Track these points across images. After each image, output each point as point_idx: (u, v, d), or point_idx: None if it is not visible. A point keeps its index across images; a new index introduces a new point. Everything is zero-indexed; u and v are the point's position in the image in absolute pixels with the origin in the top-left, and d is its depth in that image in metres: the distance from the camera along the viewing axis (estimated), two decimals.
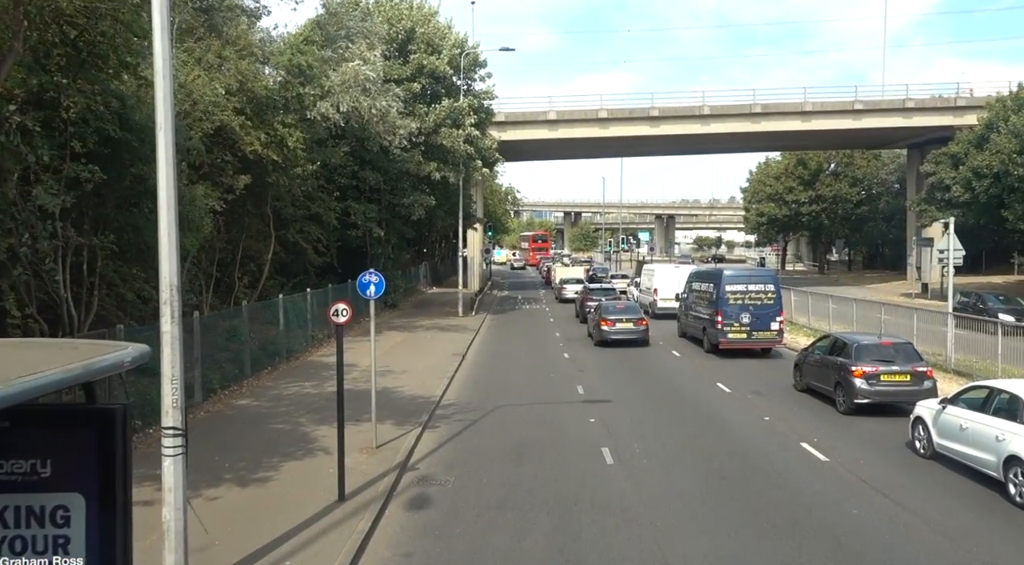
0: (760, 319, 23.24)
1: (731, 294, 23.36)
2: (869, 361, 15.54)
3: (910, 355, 15.97)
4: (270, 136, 21.23)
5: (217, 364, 17.82)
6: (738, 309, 23.25)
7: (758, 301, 23.36)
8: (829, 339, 18.04)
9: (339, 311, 10.23)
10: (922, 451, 12.52)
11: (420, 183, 33.50)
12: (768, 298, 23.47)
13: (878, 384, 15.37)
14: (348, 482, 10.66)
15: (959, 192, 40.57)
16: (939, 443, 12.09)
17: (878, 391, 15.36)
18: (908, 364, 15.57)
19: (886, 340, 16.81)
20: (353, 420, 14.39)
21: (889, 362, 15.58)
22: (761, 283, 23.90)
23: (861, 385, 15.33)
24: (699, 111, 50.67)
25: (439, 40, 34.70)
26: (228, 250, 24.05)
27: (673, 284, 33.40)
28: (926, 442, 12.48)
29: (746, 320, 23.18)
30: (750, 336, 23.25)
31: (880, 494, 10.68)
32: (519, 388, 18.72)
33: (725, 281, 23.66)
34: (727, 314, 23.23)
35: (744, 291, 23.47)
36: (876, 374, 15.36)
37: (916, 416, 12.99)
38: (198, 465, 11.43)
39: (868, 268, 77.86)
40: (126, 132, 14.96)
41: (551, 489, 10.91)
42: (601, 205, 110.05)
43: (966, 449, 11.30)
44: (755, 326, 23.19)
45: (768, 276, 25.28)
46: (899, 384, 15.44)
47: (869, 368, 15.39)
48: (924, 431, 12.62)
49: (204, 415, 14.88)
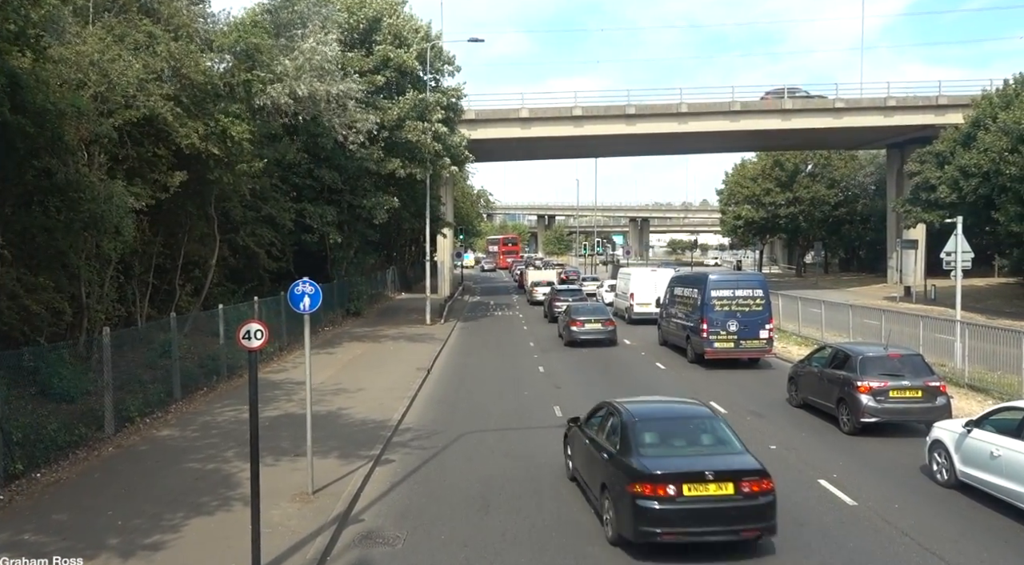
0: (748, 327, 21.52)
1: (717, 300, 21.64)
2: (876, 375, 13.97)
3: (920, 368, 14.39)
4: (210, 127, 18.85)
5: (141, 386, 15.46)
6: (725, 316, 21.53)
7: (746, 307, 21.65)
8: (828, 350, 16.30)
9: (252, 333, 8.00)
10: (941, 479, 11.12)
11: (383, 182, 31.21)
12: (756, 304, 21.77)
13: (886, 401, 13.76)
14: (271, 545, 8.47)
15: (945, 192, 39.25)
16: (963, 471, 10.70)
17: (887, 408, 13.77)
18: (919, 378, 14.01)
19: (893, 352, 15.13)
20: (290, 455, 12.24)
21: (898, 376, 14.01)
22: (749, 288, 22.14)
23: (868, 402, 13.75)
24: (676, 109, 48.99)
25: (407, 33, 32.51)
26: (167, 255, 21.62)
27: (650, 289, 32.30)
28: (947, 470, 11.04)
29: (733, 328, 21.46)
30: (738, 345, 21.56)
31: (930, 553, 8.72)
32: (489, 409, 16.58)
33: (711, 286, 21.92)
34: (713, 321, 21.52)
35: (731, 297, 21.76)
36: (884, 390, 13.76)
37: (934, 439, 11.45)
38: (81, 525, 9.18)
39: (844, 270, 76.95)
40: (19, 116, 12.58)
41: (524, 552, 8.78)
42: (575, 208, 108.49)
43: (999, 480, 9.92)
44: (743, 334, 21.49)
45: (756, 281, 23.45)
46: (910, 401, 13.84)
47: (876, 383, 13.81)
48: (944, 457, 11.13)
49: (111, 452, 12.49)
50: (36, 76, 13.29)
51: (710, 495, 8.33)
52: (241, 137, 19.50)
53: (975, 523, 9.68)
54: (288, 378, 19.02)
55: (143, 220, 18.25)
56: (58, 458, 11.71)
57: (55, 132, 13.54)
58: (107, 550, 8.44)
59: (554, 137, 50.14)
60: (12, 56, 12.74)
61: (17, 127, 12.64)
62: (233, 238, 24.80)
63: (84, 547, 8.50)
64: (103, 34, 16.62)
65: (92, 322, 16.36)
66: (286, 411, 15.51)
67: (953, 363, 18.93)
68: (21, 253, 15.06)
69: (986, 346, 18.15)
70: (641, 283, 33.60)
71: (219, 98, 20.31)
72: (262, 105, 21.61)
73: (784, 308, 29.49)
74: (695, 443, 9.34)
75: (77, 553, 8.27)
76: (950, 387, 17.81)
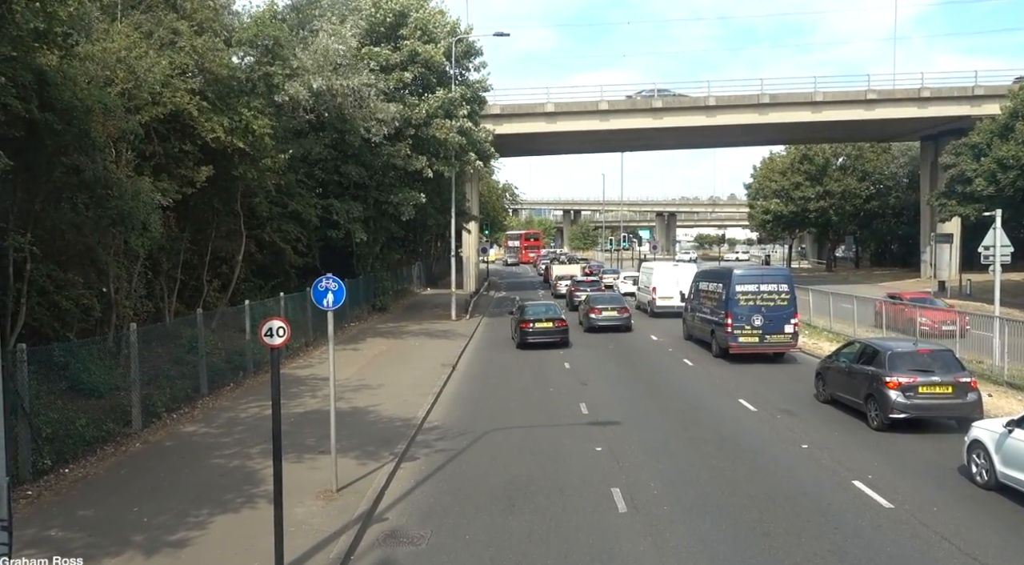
0: (773, 321, 21.31)
1: (742, 295, 21.51)
2: (905, 371, 13.83)
3: (951, 364, 14.18)
4: (234, 122, 18.88)
5: (168, 381, 15.54)
6: (749, 311, 21.37)
7: (771, 302, 21.46)
8: (857, 345, 16.04)
9: (274, 331, 7.91)
10: (980, 480, 10.80)
11: (409, 178, 31.11)
12: (782, 299, 21.56)
13: (916, 397, 13.61)
14: (295, 543, 8.41)
15: (982, 185, 38.28)
16: (1004, 473, 10.37)
17: (916, 404, 13.60)
18: (949, 374, 13.80)
19: (923, 347, 14.94)
20: (314, 453, 12.20)
21: (928, 372, 13.82)
22: (774, 283, 21.91)
23: (897, 398, 13.60)
24: (704, 102, 48.40)
25: (434, 27, 32.27)
26: (194, 251, 21.74)
27: (672, 282, 33.03)
28: (987, 471, 10.71)
29: (758, 322, 21.29)
30: (762, 340, 21.38)
31: (972, 559, 8.40)
32: (514, 406, 16.43)
33: (735, 281, 21.77)
34: (737, 316, 21.40)
35: (756, 291, 21.58)
36: (914, 386, 13.62)
37: (973, 439, 11.11)
38: (107, 521, 9.20)
39: (876, 265, 75.61)
40: (47, 113, 12.64)
41: (551, 552, 8.62)
42: (601, 203, 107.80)
43: None
44: (768, 329, 21.28)
45: (781, 275, 23.22)
46: (940, 397, 13.70)
47: (906, 379, 13.67)
48: (984, 458, 10.80)
49: (138, 447, 12.54)
50: (63, 73, 13.34)
51: None
52: (262, 132, 19.51)
53: (1018, 527, 9.32)
54: (313, 374, 19.03)
55: (170, 216, 18.35)
56: (86, 454, 11.78)
57: (83, 129, 13.58)
58: (132, 547, 8.43)
59: (580, 132, 49.81)
60: (40, 54, 12.80)
61: (45, 124, 12.69)
62: (259, 234, 24.90)
63: (109, 544, 8.50)
64: (130, 31, 16.68)
65: (121, 318, 16.47)
66: (311, 407, 15.51)
67: (991, 360, 18.40)
68: (51, 250, 15.17)
69: None
70: (663, 277, 34.01)
71: (241, 93, 20.36)
72: (282, 101, 21.58)
73: (815, 303, 28.95)
74: None
75: (103, 553, 8.26)
76: (988, 385, 17.45)
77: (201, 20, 18.64)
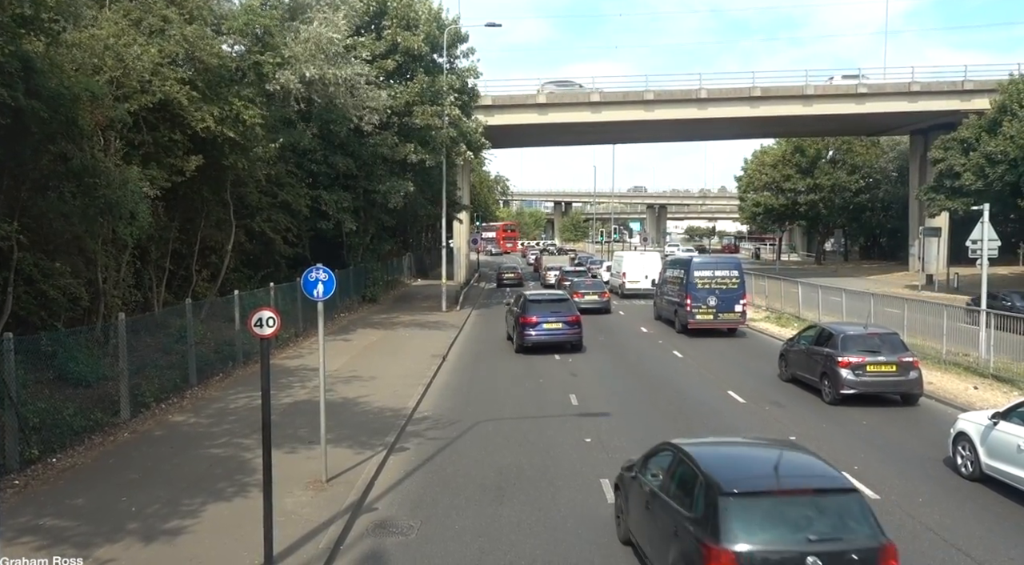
0: (725, 301, 25.28)
1: (699, 279, 25.32)
2: (855, 352, 15.37)
3: (896, 345, 15.77)
4: (224, 111, 18.75)
5: (157, 371, 15.48)
6: (706, 293, 25.26)
7: (724, 285, 25.37)
8: (815, 329, 17.76)
9: (263, 321, 7.89)
10: (966, 471, 11.00)
11: (399, 168, 30.99)
12: (733, 283, 25.51)
13: (864, 375, 15.22)
14: (284, 533, 8.43)
15: (970, 179, 38.48)
16: (988, 464, 10.53)
17: (864, 381, 15.22)
18: (894, 354, 15.42)
19: (872, 330, 16.49)
20: (304, 443, 12.20)
21: (875, 353, 15.41)
22: (726, 269, 25.92)
23: (847, 376, 15.21)
24: (696, 95, 48.38)
25: (413, 14, 32.07)
26: (184, 240, 21.61)
27: (639, 269, 38.84)
28: (972, 462, 10.89)
29: (712, 302, 25.19)
30: (716, 317, 25.27)
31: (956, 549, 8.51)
32: (504, 397, 16.46)
33: (694, 267, 25.82)
34: (695, 297, 25.25)
35: (711, 276, 25.38)
36: (862, 365, 15.21)
37: (959, 431, 11.30)
38: (99, 510, 9.18)
39: (865, 258, 76.01)
40: (33, 100, 12.51)
41: (539, 543, 8.67)
42: (592, 195, 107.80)
43: None
44: (721, 308, 25.21)
45: (733, 263, 27.27)
46: (885, 374, 15.30)
47: (855, 359, 15.25)
48: (969, 450, 10.94)
49: (127, 437, 12.50)
50: (50, 60, 13.23)
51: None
52: (253, 121, 19.38)
53: (1002, 518, 9.45)
54: (303, 365, 19.01)
55: (159, 206, 18.22)
56: (74, 443, 11.73)
57: (70, 117, 13.47)
58: (126, 536, 8.42)
59: (571, 123, 49.75)
60: (26, 40, 12.66)
61: (31, 112, 12.56)
62: (249, 224, 24.75)
63: (105, 531, 8.50)
64: (119, 18, 16.52)
65: (109, 307, 16.38)
66: (301, 398, 15.49)
67: (977, 353, 18.57)
68: (38, 238, 15.06)
69: (1012, 336, 17.76)
70: (632, 264, 40.22)
71: (232, 82, 20.21)
72: (273, 90, 21.44)
73: (804, 297, 29.10)
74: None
75: (99, 542, 8.25)
76: (974, 377, 17.66)
77: (191, 8, 18.46)
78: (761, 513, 6.29)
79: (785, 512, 6.31)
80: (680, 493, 6.93)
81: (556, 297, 24.10)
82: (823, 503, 6.44)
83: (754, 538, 6.08)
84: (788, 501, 6.42)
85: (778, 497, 6.46)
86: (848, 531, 6.28)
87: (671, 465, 7.37)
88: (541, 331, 21.66)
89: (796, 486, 6.61)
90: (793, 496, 6.48)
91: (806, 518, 6.25)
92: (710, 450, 7.52)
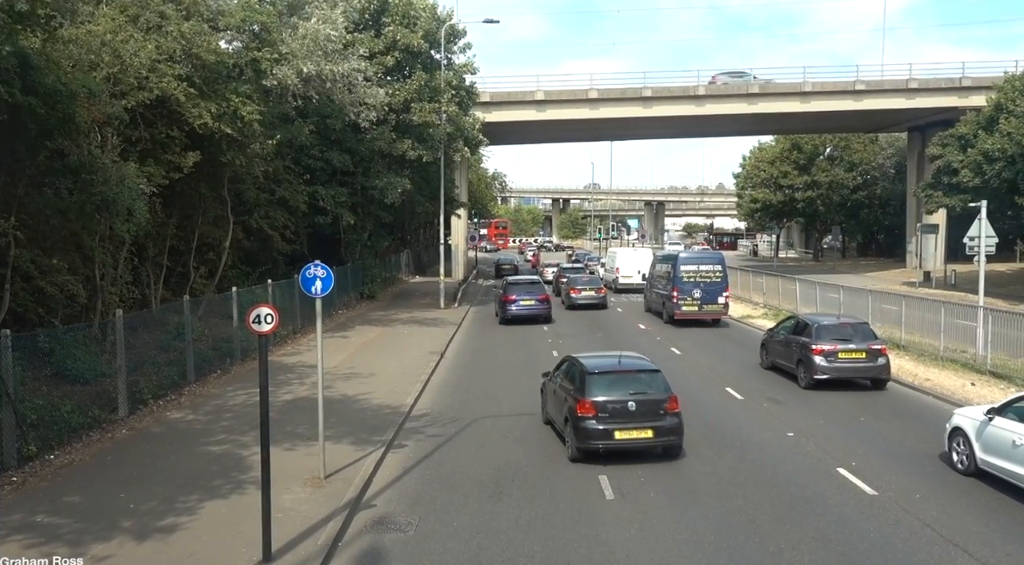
0: (709, 294, 27.13)
1: (685, 273, 27.16)
2: (828, 340, 16.53)
3: (866, 334, 17.03)
4: (222, 107, 18.69)
5: (155, 368, 15.45)
6: (691, 286, 27.10)
7: (708, 279, 27.21)
8: (793, 320, 19.05)
9: (261, 318, 7.88)
10: (961, 467, 11.05)
11: (396, 165, 30.95)
12: (716, 276, 27.36)
13: (836, 361, 16.33)
14: (282, 530, 8.43)
15: (968, 176, 38.50)
16: (983, 459, 10.58)
17: (836, 367, 16.34)
18: (864, 342, 16.62)
19: (845, 320, 17.94)
20: (302, 440, 12.19)
21: (847, 341, 16.56)
22: (710, 264, 27.82)
23: (820, 362, 16.32)
24: (694, 91, 48.34)
25: (413, 12, 32.05)
26: (181, 237, 21.57)
27: (632, 264, 40.07)
28: (967, 457, 10.93)
29: (697, 295, 27.02)
30: (700, 308, 27.09)
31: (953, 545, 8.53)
32: (502, 394, 16.47)
33: (680, 262, 27.69)
34: (681, 290, 27.08)
35: (696, 270, 27.23)
36: (834, 352, 16.34)
37: (954, 427, 11.37)
38: (95, 507, 9.16)
39: (862, 255, 76.08)
40: (30, 97, 12.46)
41: (538, 539, 8.67)
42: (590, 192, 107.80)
43: (1020, 469, 9.80)
44: (705, 300, 27.07)
45: (716, 258, 29.24)
46: (855, 361, 16.47)
47: (828, 346, 16.41)
48: (965, 445, 11.00)
49: (124, 434, 12.49)
50: (47, 56, 13.16)
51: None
52: (251, 118, 19.34)
53: (998, 513, 9.47)
54: (301, 361, 19.00)
55: (156, 202, 18.18)
56: (72, 440, 11.72)
57: (67, 113, 13.42)
58: (120, 534, 8.41)
59: (569, 120, 49.68)
60: (22, 36, 12.60)
61: (28, 108, 12.51)
62: (247, 221, 24.71)
63: (99, 529, 8.49)
64: (115, 14, 16.46)
65: (106, 304, 16.35)
66: (299, 395, 15.49)
67: (975, 350, 18.60)
68: (35, 235, 15.02)
69: (1009, 332, 17.78)
70: (625, 260, 41.44)
71: (229, 79, 20.15)
72: (270, 86, 21.39)
73: (802, 293, 29.13)
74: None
75: (92, 539, 8.25)
76: (972, 373, 17.69)
77: (188, 4, 18.40)
78: (607, 383, 11.66)
79: (618, 382, 11.77)
80: (568, 379, 12.30)
81: (530, 281, 30.72)
82: (639, 377, 11.97)
83: (601, 394, 11.41)
84: (621, 377, 11.95)
85: (616, 375, 11.95)
86: (651, 389, 11.65)
87: (568, 367, 12.71)
88: (519, 307, 27.75)
89: (625, 368, 12.23)
90: (623, 374, 12.03)
91: (629, 384, 11.75)
92: (587, 357, 12.80)
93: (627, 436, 11.11)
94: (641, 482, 10.57)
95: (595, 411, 11.14)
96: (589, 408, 11.17)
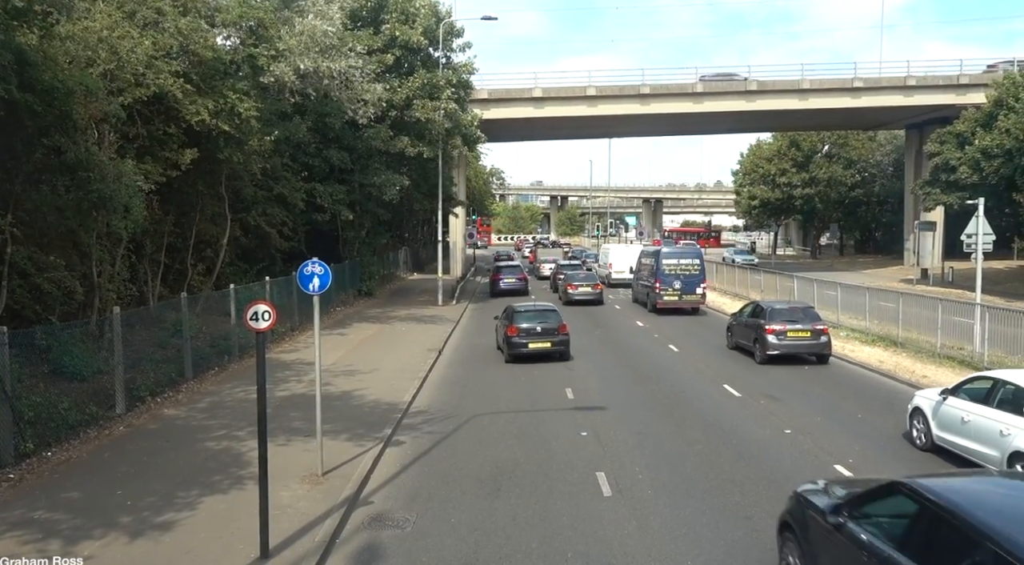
0: (688, 285, 30.03)
1: (667, 266, 30.03)
2: (779, 321, 19.17)
3: (812, 316, 19.89)
4: (219, 104, 18.66)
5: (153, 365, 15.43)
6: (672, 277, 29.98)
7: (687, 271, 30.16)
8: (752, 305, 21.63)
9: (259, 314, 7.87)
10: (919, 443, 12.00)
11: (394, 162, 30.92)
12: (694, 269, 30.36)
13: (785, 339, 19.00)
14: (280, 526, 8.43)
15: (966, 173, 38.56)
16: (938, 435, 11.54)
17: (785, 345, 19.00)
18: (809, 323, 19.39)
19: (794, 305, 20.98)
20: (299, 437, 12.19)
21: (795, 322, 19.26)
22: (689, 258, 30.88)
23: (772, 340, 18.96)
24: (692, 89, 48.35)
25: (412, 9, 31.99)
26: (179, 234, 21.53)
27: (624, 260, 41.53)
28: (925, 434, 11.89)
29: (677, 285, 29.90)
30: (680, 298, 29.96)
31: None
32: (500, 391, 16.48)
33: (662, 256, 30.53)
34: (663, 281, 29.92)
35: (677, 264, 30.17)
36: (784, 332, 19.01)
37: (915, 407, 12.27)
38: (92, 503, 9.17)
39: (860, 252, 76.19)
40: (26, 94, 12.44)
41: (535, 536, 8.68)
42: (588, 189, 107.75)
43: (968, 443, 10.82)
44: (684, 290, 29.97)
45: (694, 252, 32.38)
46: (801, 339, 19.15)
47: (779, 326, 19.06)
48: (923, 423, 11.93)
49: (122, 431, 12.48)
50: (43, 53, 13.14)
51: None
52: (248, 114, 19.30)
53: None
54: (299, 358, 18.99)
55: (154, 199, 18.13)
56: (69, 437, 11.70)
57: (63, 110, 13.40)
58: (116, 530, 8.40)
59: (567, 117, 49.64)
60: (19, 32, 12.58)
61: (25, 105, 12.50)
62: (245, 218, 24.67)
63: (95, 525, 8.48)
64: (112, 10, 16.42)
65: (104, 301, 16.32)
66: (296, 392, 15.48)
67: (972, 347, 18.63)
68: (32, 232, 14.99)
69: (1006, 329, 17.82)
70: (618, 256, 43.58)
71: (226, 75, 20.12)
72: (267, 83, 21.34)
73: (800, 290, 29.18)
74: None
75: (87, 535, 8.25)
76: (968, 370, 17.67)
77: (185, 0, 18.35)
78: (525, 317, 19.67)
79: (532, 316, 19.76)
80: (505, 317, 20.46)
81: (513, 266, 39.61)
82: (545, 314, 19.94)
83: (522, 323, 19.42)
84: (533, 313, 19.96)
85: (531, 313, 19.94)
86: (551, 321, 19.56)
87: (505, 310, 21.01)
88: (506, 285, 37.00)
89: (537, 309, 20.44)
90: (535, 313, 19.98)
91: (537, 318, 19.70)
92: (518, 304, 20.91)
93: (536, 345, 18.97)
94: (639, 479, 10.58)
95: (517, 332, 19.06)
96: (514, 330, 19.09)
